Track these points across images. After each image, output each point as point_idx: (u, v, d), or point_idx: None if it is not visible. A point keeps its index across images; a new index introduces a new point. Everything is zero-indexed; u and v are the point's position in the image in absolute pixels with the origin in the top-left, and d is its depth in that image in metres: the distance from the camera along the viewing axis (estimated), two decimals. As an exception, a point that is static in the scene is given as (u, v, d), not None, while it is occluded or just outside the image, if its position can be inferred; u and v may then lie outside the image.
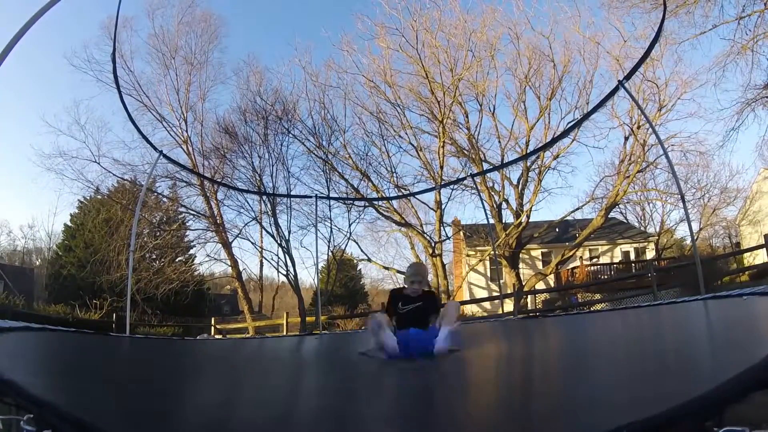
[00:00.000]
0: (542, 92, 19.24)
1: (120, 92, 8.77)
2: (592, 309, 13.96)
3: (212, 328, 16.48)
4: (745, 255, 19.15)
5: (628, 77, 7.14)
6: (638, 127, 18.14)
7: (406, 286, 3.25)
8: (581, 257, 22.25)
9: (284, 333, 13.92)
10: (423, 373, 2.37)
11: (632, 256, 24.23)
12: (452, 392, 1.67)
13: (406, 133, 19.60)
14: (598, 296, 17.88)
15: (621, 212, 26.08)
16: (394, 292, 3.36)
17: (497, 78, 19.33)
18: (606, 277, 21.07)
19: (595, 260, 23.48)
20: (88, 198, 22.58)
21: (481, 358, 2.84)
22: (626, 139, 19.09)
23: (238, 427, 1.19)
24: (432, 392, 1.71)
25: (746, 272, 15.58)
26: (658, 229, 26.65)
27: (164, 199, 19.49)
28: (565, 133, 16.59)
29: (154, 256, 19.48)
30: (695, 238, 7.30)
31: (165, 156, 9.11)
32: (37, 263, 36.37)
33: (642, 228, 26.96)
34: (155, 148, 8.79)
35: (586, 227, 19.84)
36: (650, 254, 24.08)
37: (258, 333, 15.27)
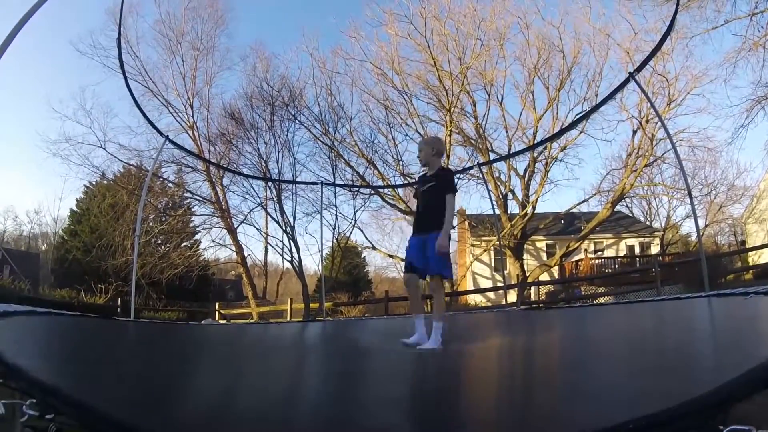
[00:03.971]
0: (551, 83, 19.13)
1: (125, 77, 8.74)
2: (595, 302, 13.97)
3: (216, 313, 16.58)
4: (750, 253, 19.02)
5: (638, 69, 7.05)
6: (647, 121, 18.01)
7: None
8: (586, 250, 22.18)
9: (288, 319, 14.01)
10: (426, 359, 2.37)
11: (637, 251, 24.15)
12: (454, 379, 1.67)
13: (413, 121, 19.56)
14: (602, 289, 17.88)
15: (627, 206, 25.97)
16: (421, 176, 3.50)
17: (506, 68, 19.22)
18: (610, 270, 21.01)
19: (599, 253, 23.41)
20: (94, 183, 22.62)
21: (483, 348, 2.84)
22: (634, 132, 18.98)
23: (241, 410, 1.20)
24: (433, 378, 1.71)
25: (750, 271, 15.48)
26: (663, 225, 26.51)
27: (170, 185, 19.54)
28: (573, 124, 16.45)
29: (159, 241, 19.61)
30: (701, 234, 7.27)
31: (171, 141, 9.09)
32: (43, 248, 36.59)
33: (648, 223, 26.82)
34: (161, 133, 8.76)
35: (591, 220, 19.78)
36: (655, 249, 23.98)
37: (262, 318, 15.38)
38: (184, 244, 20.23)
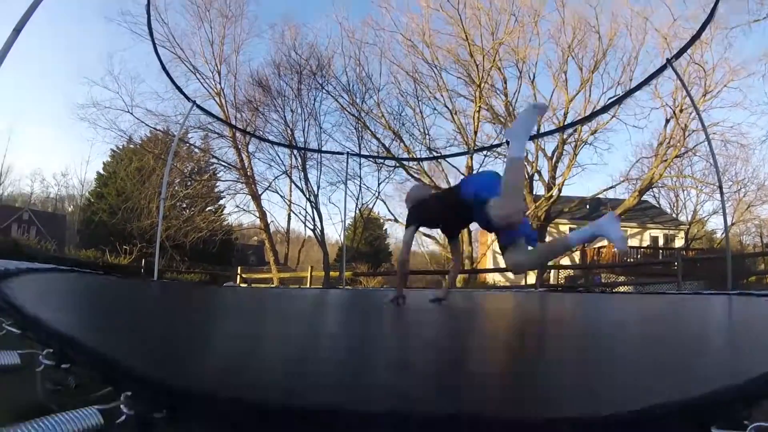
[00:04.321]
0: (585, 64, 18.70)
1: (154, 43, 8.69)
2: (614, 290, 13.79)
3: (238, 276, 16.78)
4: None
5: (677, 56, 6.83)
6: (681, 111, 17.55)
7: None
8: (609, 237, 21.86)
9: (308, 285, 14.11)
10: (439, 327, 2.33)
11: (661, 243, 23.76)
12: (468, 349, 1.63)
13: (442, 96, 19.31)
14: (621, 279, 17.66)
15: (654, 196, 25.45)
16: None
17: (539, 45, 18.83)
18: (632, 260, 20.70)
19: (622, 242, 23.05)
20: (121, 147, 23.00)
21: (500, 323, 2.78)
22: (667, 121, 18.53)
23: (258, 366, 1.18)
24: (446, 346, 1.67)
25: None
26: (689, 218, 25.99)
27: (196, 150, 19.75)
28: (606, 108, 16.12)
29: (184, 205, 19.89)
30: (728, 231, 7.07)
31: (198, 106, 9.11)
32: (70, 210, 37.53)
33: (674, 215, 26.30)
34: (188, 98, 8.81)
35: (617, 207, 19.47)
36: (679, 243, 23.56)
37: (282, 284, 15.52)
38: (209, 208, 20.49)
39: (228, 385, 0.84)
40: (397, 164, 18.11)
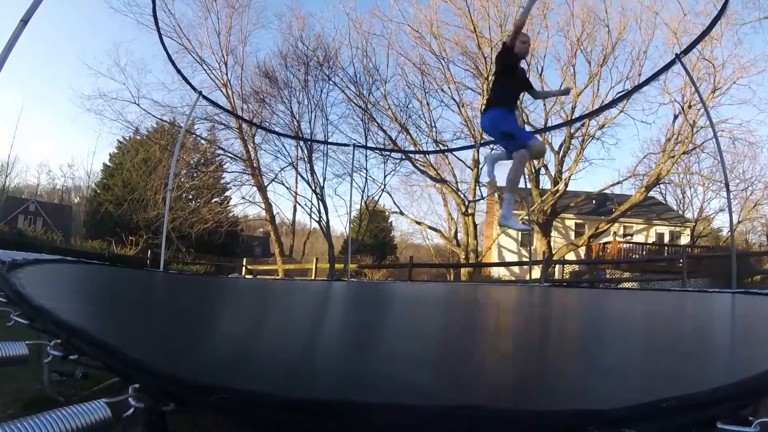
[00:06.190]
0: (593, 58, 18.47)
1: (159, 32, 8.61)
2: (619, 287, 13.80)
3: (243, 268, 16.86)
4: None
5: (686, 51, 6.75)
6: (689, 107, 17.33)
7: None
8: (615, 233, 21.77)
9: (313, 277, 14.16)
10: (445, 321, 2.33)
11: (666, 239, 23.62)
12: (476, 343, 1.63)
13: (449, 88, 19.18)
14: (626, 275, 17.63)
15: (661, 193, 25.24)
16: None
17: (548, 38, 18.62)
18: (637, 256, 20.62)
19: (628, 238, 22.95)
20: (128, 138, 22.99)
21: (505, 317, 2.78)
22: (675, 117, 18.29)
23: (262, 355, 1.18)
24: (454, 341, 1.67)
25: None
26: (696, 216, 25.78)
27: (202, 141, 19.75)
28: (614, 102, 15.98)
29: (190, 197, 19.95)
30: (734, 229, 7.03)
31: (205, 97, 9.10)
32: (76, 201, 37.73)
33: (680, 212, 26.11)
34: (194, 89, 8.82)
35: (623, 203, 19.35)
36: (685, 240, 23.41)
37: (287, 276, 15.57)
38: (215, 199, 20.57)
39: (235, 377, 0.85)
40: (404, 157, 18.09)
